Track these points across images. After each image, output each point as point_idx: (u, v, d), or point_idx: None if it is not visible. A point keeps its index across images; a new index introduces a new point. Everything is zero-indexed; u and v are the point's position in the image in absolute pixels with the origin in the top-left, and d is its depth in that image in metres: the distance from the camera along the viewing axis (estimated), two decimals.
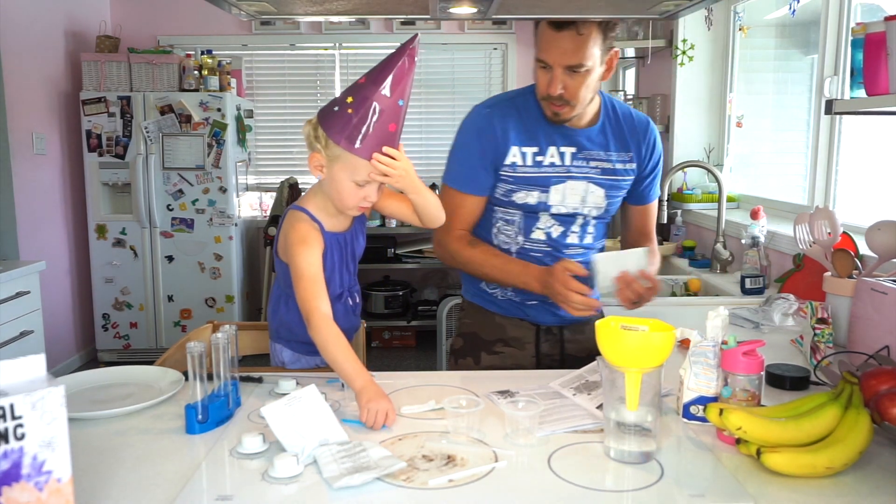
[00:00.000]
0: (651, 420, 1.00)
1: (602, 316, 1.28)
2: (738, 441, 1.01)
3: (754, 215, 2.38)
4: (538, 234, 1.58)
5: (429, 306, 4.51)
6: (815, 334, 1.46)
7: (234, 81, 4.22)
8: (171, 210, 4.11)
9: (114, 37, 4.27)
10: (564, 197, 1.56)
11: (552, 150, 1.55)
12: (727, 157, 3.23)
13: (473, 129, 1.57)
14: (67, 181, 4.14)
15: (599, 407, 1.17)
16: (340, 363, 1.28)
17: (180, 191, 4.10)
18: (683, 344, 1.36)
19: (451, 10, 1.23)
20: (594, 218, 1.61)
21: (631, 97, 3.65)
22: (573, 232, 1.60)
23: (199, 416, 1.11)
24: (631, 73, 4.21)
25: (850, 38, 1.48)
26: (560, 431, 1.10)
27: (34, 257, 3.53)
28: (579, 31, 1.40)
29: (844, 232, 1.80)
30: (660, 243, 2.96)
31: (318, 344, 1.30)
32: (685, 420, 1.14)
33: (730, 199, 2.91)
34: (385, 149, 1.33)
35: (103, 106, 4.02)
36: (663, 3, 1.21)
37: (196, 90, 4.06)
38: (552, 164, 1.55)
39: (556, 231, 1.58)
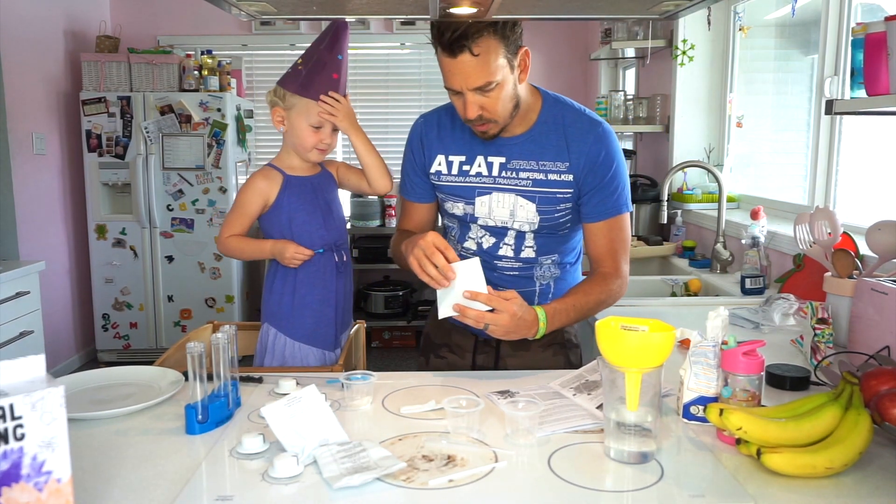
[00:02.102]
0: (651, 420, 1.00)
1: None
2: (738, 441, 1.01)
3: (754, 215, 2.37)
4: (470, 244, 1.56)
5: (429, 306, 4.50)
6: (815, 334, 1.46)
7: (234, 81, 4.22)
8: (171, 210, 4.11)
9: (114, 37, 4.27)
10: (491, 210, 1.50)
11: (480, 159, 1.50)
12: (727, 157, 3.22)
13: (409, 139, 1.61)
14: (67, 181, 4.14)
15: (599, 407, 1.16)
16: (252, 249, 1.70)
17: (180, 191, 4.10)
18: (683, 344, 1.36)
19: (451, 10, 1.23)
20: (533, 232, 1.50)
21: (631, 97, 3.65)
22: (506, 244, 1.52)
23: (199, 417, 1.11)
24: (631, 73, 4.21)
25: (851, 38, 1.48)
26: (560, 431, 1.10)
27: (34, 257, 3.54)
28: (473, 53, 1.32)
29: (845, 232, 1.80)
30: (659, 243, 2.97)
31: (230, 254, 1.70)
32: (685, 420, 1.14)
33: (730, 199, 2.91)
34: (330, 92, 1.64)
35: (103, 106, 4.02)
36: (663, 3, 1.21)
37: (196, 90, 4.06)
38: (478, 175, 1.50)
39: (486, 242, 1.54)
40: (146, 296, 4.19)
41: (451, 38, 1.32)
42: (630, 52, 3.75)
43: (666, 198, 2.59)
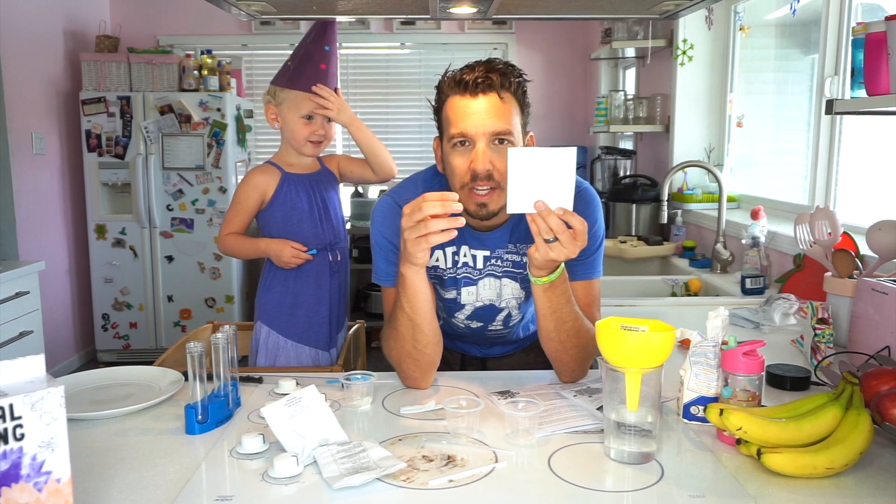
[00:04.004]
0: (651, 420, 1.00)
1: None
2: (739, 441, 1.01)
3: (755, 215, 2.37)
4: (458, 322, 1.51)
5: None
6: (815, 334, 1.46)
7: (233, 81, 4.21)
8: (170, 210, 4.11)
9: (113, 36, 4.27)
10: (479, 295, 1.44)
11: (465, 249, 1.40)
12: (727, 157, 3.22)
13: (386, 229, 1.38)
14: (67, 181, 4.14)
15: (600, 409, 1.16)
16: (247, 248, 1.71)
17: (180, 191, 4.10)
18: (684, 344, 1.36)
19: (451, 10, 1.23)
20: (519, 305, 1.46)
21: (631, 97, 3.65)
22: (494, 325, 1.49)
23: (199, 417, 1.11)
24: (631, 73, 4.21)
25: (851, 37, 1.48)
26: (560, 432, 1.10)
27: (34, 257, 3.53)
28: (501, 96, 1.23)
29: (845, 232, 1.80)
30: (659, 243, 2.97)
31: (228, 252, 1.73)
32: (685, 420, 1.14)
33: (730, 199, 2.91)
34: (319, 85, 1.67)
35: (103, 106, 4.01)
36: (663, 3, 1.21)
37: (196, 90, 4.05)
38: (465, 265, 1.42)
39: (475, 324, 1.50)
40: (146, 296, 4.18)
41: (478, 79, 1.23)
42: (630, 52, 3.75)
43: (666, 198, 2.59)
